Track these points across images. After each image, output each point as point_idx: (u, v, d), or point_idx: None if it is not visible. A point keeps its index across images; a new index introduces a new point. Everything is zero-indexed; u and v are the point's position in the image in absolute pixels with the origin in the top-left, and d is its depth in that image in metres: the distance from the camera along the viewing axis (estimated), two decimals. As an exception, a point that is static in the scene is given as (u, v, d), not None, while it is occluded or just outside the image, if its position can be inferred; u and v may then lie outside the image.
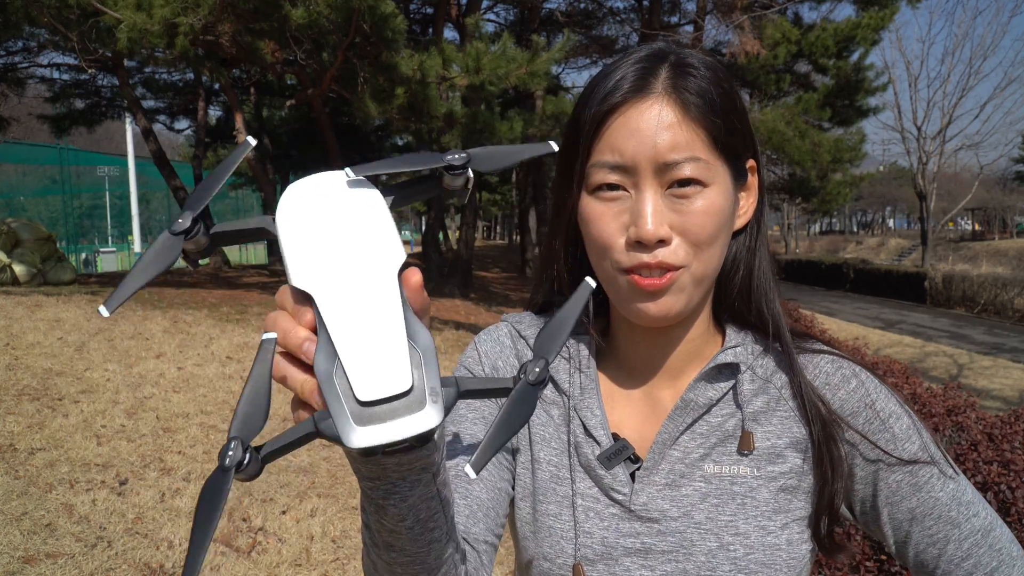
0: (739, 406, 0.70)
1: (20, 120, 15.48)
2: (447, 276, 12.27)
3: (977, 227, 46.68)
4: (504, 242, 41.78)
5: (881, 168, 43.45)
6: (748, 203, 0.72)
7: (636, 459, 0.71)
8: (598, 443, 0.71)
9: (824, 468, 0.68)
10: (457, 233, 14.92)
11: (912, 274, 20.85)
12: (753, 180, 0.72)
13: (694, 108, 0.65)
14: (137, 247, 22.69)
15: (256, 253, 32.91)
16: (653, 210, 0.64)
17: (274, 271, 13.32)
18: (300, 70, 9.22)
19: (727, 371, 0.71)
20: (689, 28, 15.93)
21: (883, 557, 1.95)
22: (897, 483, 0.68)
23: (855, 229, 64.21)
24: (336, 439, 0.42)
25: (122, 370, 5.10)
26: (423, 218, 36.53)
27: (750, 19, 12.70)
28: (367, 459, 0.50)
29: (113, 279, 9.88)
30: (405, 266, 0.48)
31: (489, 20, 16.44)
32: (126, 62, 12.14)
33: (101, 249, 26.55)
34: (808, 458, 0.69)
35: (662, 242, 0.64)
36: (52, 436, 3.86)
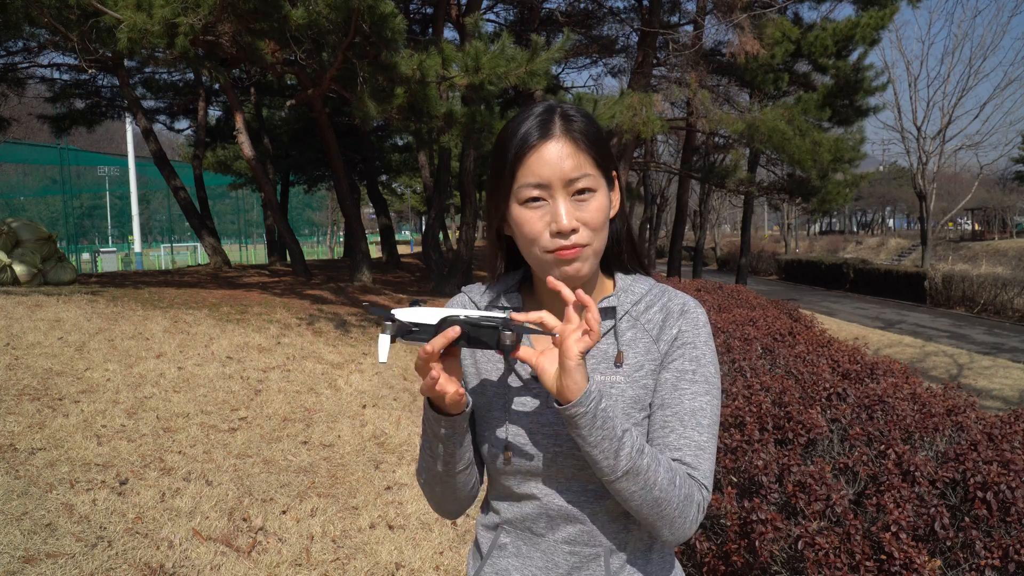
0: (616, 339, 1.07)
1: (20, 120, 15.46)
2: (447, 276, 12.27)
3: (977, 227, 46.64)
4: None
5: (881, 168, 43.45)
6: (616, 200, 1.09)
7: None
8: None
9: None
10: (457, 233, 14.91)
11: (912, 274, 20.84)
12: (617, 184, 1.09)
13: (581, 142, 1.00)
14: (137, 247, 22.65)
15: (256, 253, 32.90)
16: (566, 211, 0.98)
17: (274, 271, 13.32)
18: (300, 70, 9.21)
19: (609, 313, 1.08)
20: (689, 28, 15.93)
21: (883, 557, 1.95)
22: (664, 379, 1.06)
23: (855, 229, 64.14)
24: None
25: (122, 370, 5.10)
26: (423, 218, 36.48)
27: (750, 18, 12.69)
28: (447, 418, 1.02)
29: (113, 279, 9.88)
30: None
31: (489, 20, 16.41)
32: (126, 62, 12.14)
33: (101, 249, 26.56)
34: (657, 368, 1.06)
35: (573, 231, 0.98)
36: (52, 436, 3.86)
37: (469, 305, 1.17)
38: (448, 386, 0.94)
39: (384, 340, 0.93)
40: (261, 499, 3.69)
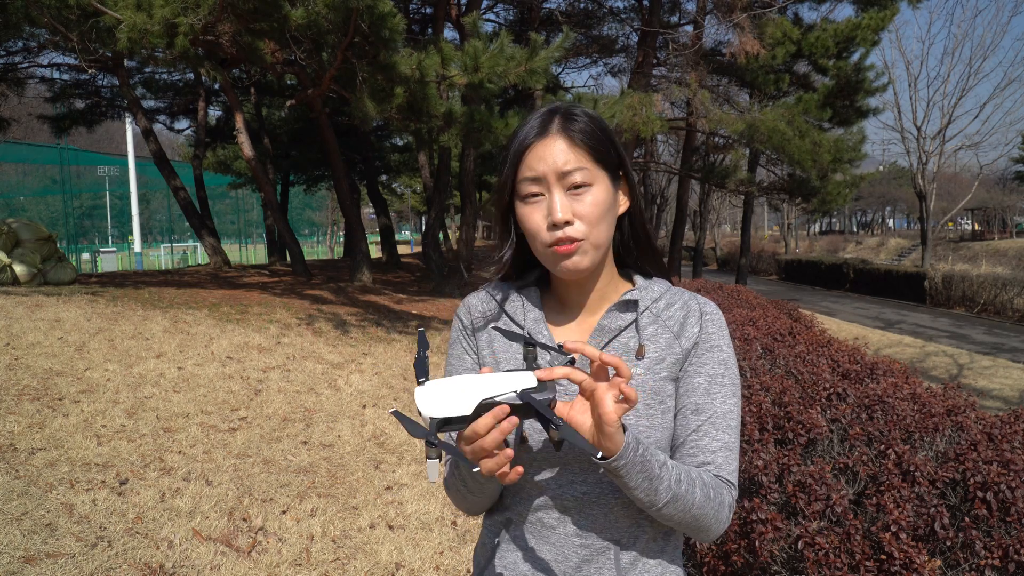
0: (638, 331, 1.09)
1: (20, 120, 15.46)
2: (447, 276, 12.27)
3: (977, 227, 46.63)
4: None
5: (881, 168, 43.43)
6: (624, 200, 1.11)
7: (572, 362, 1.02)
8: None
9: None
10: (457, 233, 14.91)
11: (912, 274, 20.84)
12: (625, 186, 1.10)
13: (577, 138, 1.02)
14: (137, 247, 22.65)
15: (256, 253, 32.89)
16: (560, 204, 1.00)
17: (274, 271, 13.31)
18: (300, 70, 9.21)
19: (632, 306, 1.10)
20: (689, 28, 15.93)
21: (883, 557, 1.95)
22: (697, 383, 1.09)
23: (855, 229, 64.15)
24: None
25: (122, 370, 5.10)
26: (423, 218, 36.47)
27: (750, 19, 12.69)
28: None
29: (113, 279, 9.88)
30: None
31: (488, 20, 16.40)
32: (126, 62, 12.13)
33: (101, 249, 26.56)
34: (677, 362, 1.08)
35: (568, 223, 1.01)
36: (52, 436, 3.86)
37: (489, 300, 1.17)
38: (516, 472, 0.91)
39: (433, 464, 0.91)
40: (261, 499, 3.69)
